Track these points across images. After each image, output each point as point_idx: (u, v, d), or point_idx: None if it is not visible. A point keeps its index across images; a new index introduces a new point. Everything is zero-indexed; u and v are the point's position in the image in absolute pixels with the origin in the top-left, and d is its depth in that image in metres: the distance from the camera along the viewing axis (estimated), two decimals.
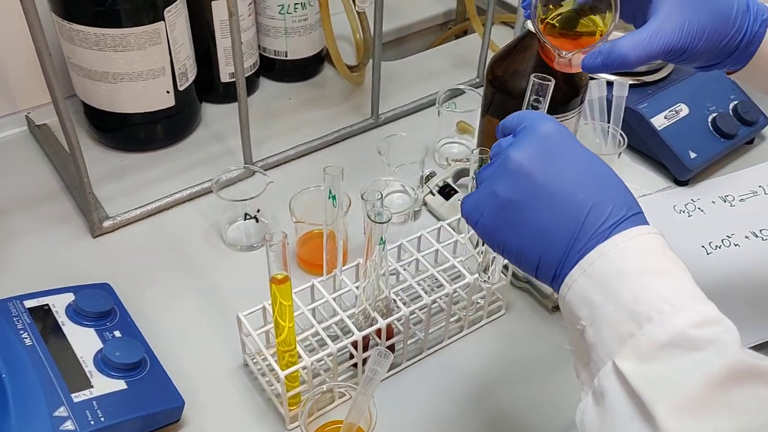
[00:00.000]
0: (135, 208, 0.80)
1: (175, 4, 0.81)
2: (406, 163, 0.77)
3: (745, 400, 0.38)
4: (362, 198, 0.57)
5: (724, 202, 0.84)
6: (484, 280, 0.62)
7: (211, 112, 0.96)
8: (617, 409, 0.41)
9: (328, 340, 0.61)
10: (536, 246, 0.46)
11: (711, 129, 0.87)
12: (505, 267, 0.69)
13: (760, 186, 0.86)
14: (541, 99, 0.54)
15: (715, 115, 0.88)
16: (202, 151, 0.90)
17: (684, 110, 0.87)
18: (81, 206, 0.81)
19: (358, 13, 0.87)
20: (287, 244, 0.55)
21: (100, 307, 0.65)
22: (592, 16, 0.58)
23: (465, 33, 1.18)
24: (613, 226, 0.44)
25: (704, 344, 0.39)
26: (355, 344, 0.62)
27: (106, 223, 0.78)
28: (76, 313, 0.64)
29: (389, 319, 0.62)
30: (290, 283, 0.55)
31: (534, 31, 0.58)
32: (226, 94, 0.96)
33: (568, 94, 0.70)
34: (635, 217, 0.45)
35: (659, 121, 0.86)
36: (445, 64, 1.07)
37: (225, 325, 0.70)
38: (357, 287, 0.66)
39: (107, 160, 0.88)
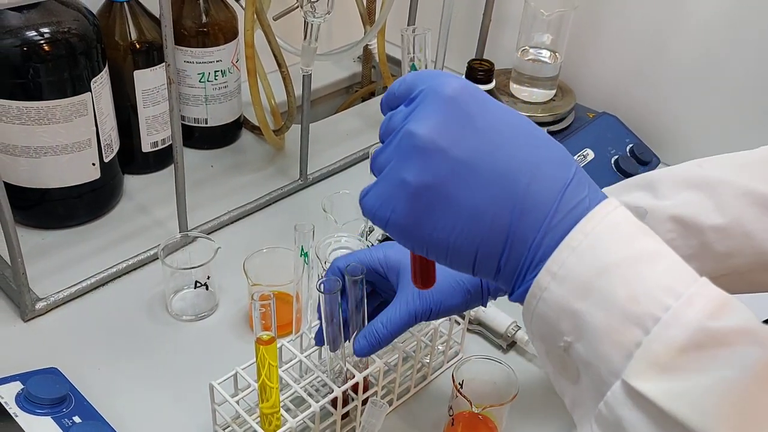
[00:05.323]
0: (68, 287, 0.75)
1: (101, 74, 0.79)
2: (350, 219, 0.79)
3: None
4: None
5: None
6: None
7: (132, 183, 0.93)
8: None
9: (310, 399, 0.60)
10: (469, 236, 0.38)
11: (615, 170, 0.96)
12: (461, 315, 0.72)
13: None
14: (420, 56, 0.46)
15: (616, 157, 0.96)
16: (128, 224, 0.87)
17: (590, 154, 0.95)
18: (6, 289, 0.75)
19: (283, 77, 0.89)
20: (271, 304, 0.54)
21: (55, 393, 0.61)
22: None
23: (372, 95, 1.23)
24: (560, 193, 0.37)
25: (733, 337, 0.33)
26: (334, 401, 0.61)
27: (39, 305, 0.73)
28: (28, 402, 0.60)
29: (366, 372, 0.62)
30: (276, 344, 0.55)
31: None
32: (146, 164, 0.94)
33: None
34: (580, 179, 0.38)
35: None
36: (359, 124, 1.11)
37: (185, 399, 0.67)
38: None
39: (26, 238, 0.82)
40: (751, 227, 0.52)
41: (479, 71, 0.77)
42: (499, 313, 0.75)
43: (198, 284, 0.73)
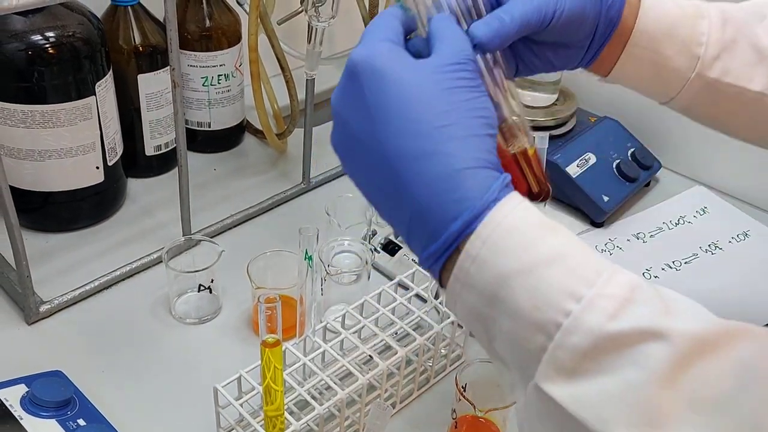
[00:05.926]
0: (72, 290, 0.76)
1: (105, 78, 0.79)
2: (353, 223, 0.79)
3: (707, 383, 0.32)
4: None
5: (637, 239, 0.92)
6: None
7: (135, 187, 0.93)
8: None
9: (314, 402, 0.60)
10: (378, 201, 0.40)
11: (617, 174, 0.96)
12: None
13: (663, 222, 0.95)
14: None
15: (618, 161, 0.97)
16: (131, 227, 0.87)
17: (592, 158, 0.95)
18: (10, 292, 0.75)
19: (286, 81, 0.89)
20: (277, 307, 0.54)
21: (59, 395, 0.61)
22: None
23: None
24: (436, 187, 0.36)
25: (636, 337, 0.33)
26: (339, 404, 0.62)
27: (43, 308, 0.73)
28: (33, 405, 0.60)
29: (370, 374, 0.63)
30: (281, 347, 0.55)
31: None
32: (149, 167, 0.94)
33: None
34: (466, 172, 0.36)
35: (573, 170, 0.93)
36: None
37: (189, 402, 0.67)
38: (331, 347, 0.66)
39: (30, 242, 0.82)
40: None
41: None
42: None
43: (201, 287, 0.74)
